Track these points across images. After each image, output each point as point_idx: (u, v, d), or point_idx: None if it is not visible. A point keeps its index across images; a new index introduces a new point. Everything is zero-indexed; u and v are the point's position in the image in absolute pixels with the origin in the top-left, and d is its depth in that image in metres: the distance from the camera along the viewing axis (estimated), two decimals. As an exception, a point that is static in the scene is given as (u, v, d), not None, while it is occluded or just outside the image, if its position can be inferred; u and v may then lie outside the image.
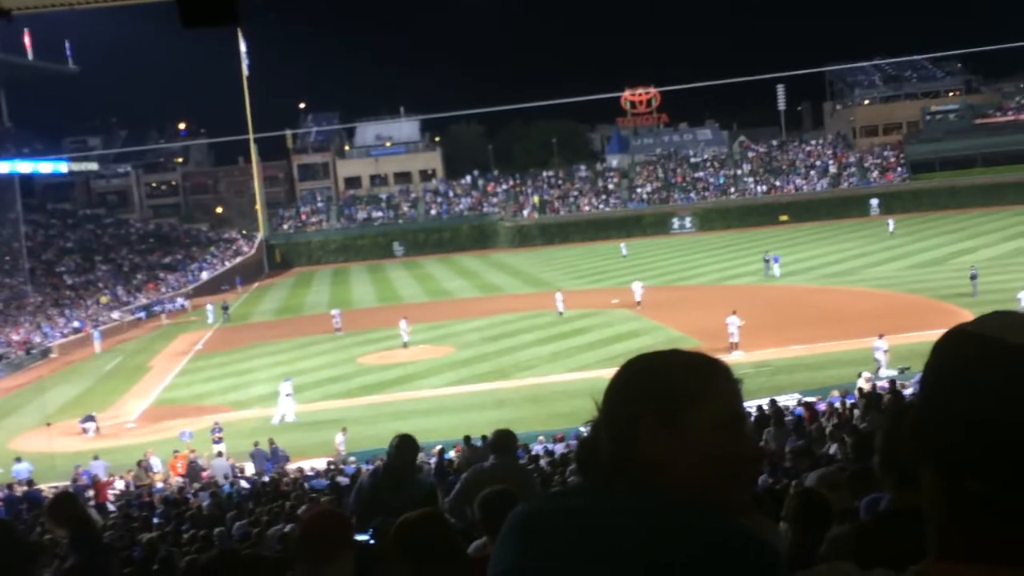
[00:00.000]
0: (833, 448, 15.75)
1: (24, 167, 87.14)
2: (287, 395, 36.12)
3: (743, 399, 1.86)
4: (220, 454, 29.94)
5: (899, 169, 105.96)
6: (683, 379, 1.80)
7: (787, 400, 28.33)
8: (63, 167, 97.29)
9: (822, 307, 48.67)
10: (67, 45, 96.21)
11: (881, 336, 33.95)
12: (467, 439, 25.36)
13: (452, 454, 25.67)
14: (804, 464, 13.84)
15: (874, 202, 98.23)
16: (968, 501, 1.46)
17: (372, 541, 5.68)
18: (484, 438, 24.44)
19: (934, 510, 1.52)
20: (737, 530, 1.68)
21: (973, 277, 46.73)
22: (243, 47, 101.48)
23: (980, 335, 1.54)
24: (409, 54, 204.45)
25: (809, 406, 25.10)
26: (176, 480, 28.02)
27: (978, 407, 1.45)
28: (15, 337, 59.60)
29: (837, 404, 25.18)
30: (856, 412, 21.40)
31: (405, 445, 8.25)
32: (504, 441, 8.56)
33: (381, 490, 7.93)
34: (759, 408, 25.44)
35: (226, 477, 26.48)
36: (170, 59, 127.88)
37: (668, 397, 1.76)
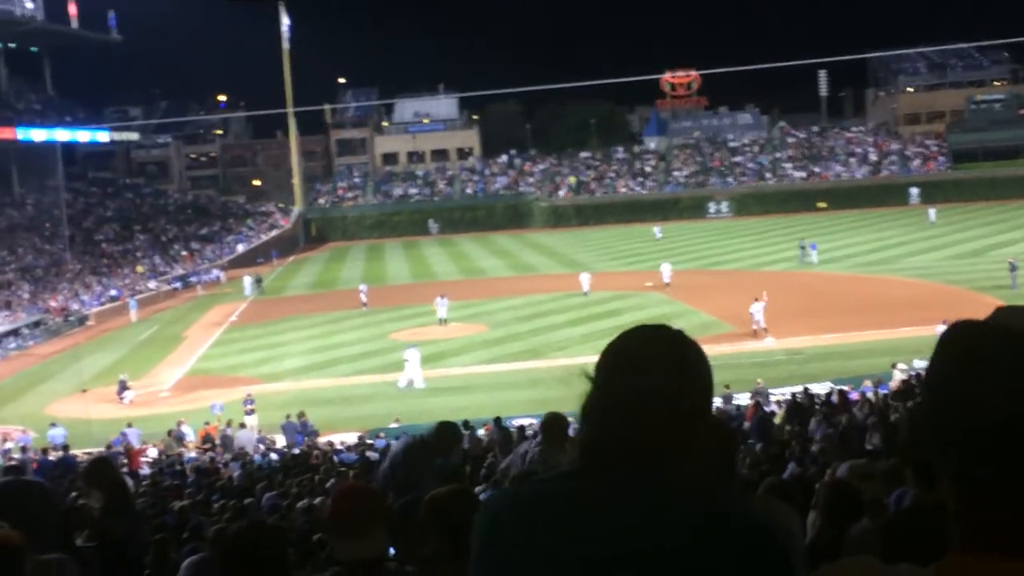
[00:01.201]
0: (875, 439, 15.62)
1: (66, 135, 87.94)
2: (408, 361, 36.06)
3: None
4: (243, 425, 30.19)
5: (941, 158, 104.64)
6: (703, 364, 1.89)
7: (819, 388, 28.18)
8: (104, 136, 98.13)
9: (858, 295, 48.27)
10: (112, 15, 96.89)
11: (945, 323, 33.59)
12: (498, 421, 25.10)
13: (482, 432, 25.73)
14: (835, 454, 13.77)
15: (914, 191, 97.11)
16: (982, 491, 1.46)
17: (404, 515, 5.69)
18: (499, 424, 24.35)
19: (952, 503, 1.51)
20: (757, 513, 1.70)
21: (1013, 269, 46.19)
22: (285, 21, 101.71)
23: (985, 325, 1.54)
24: (449, 32, 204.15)
25: (843, 394, 24.94)
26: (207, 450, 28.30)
27: (987, 395, 1.45)
28: (53, 304, 60.31)
29: (870, 394, 25.03)
30: (890, 403, 21.26)
31: (448, 432, 8.24)
32: (555, 428, 7.95)
33: (413, 465, 7.96)
34: (792, 395, 25.33)
35: (254, 449, 26.72)
36: (212, 31, 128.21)
37: (699, 382, 1.84)
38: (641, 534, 1.66)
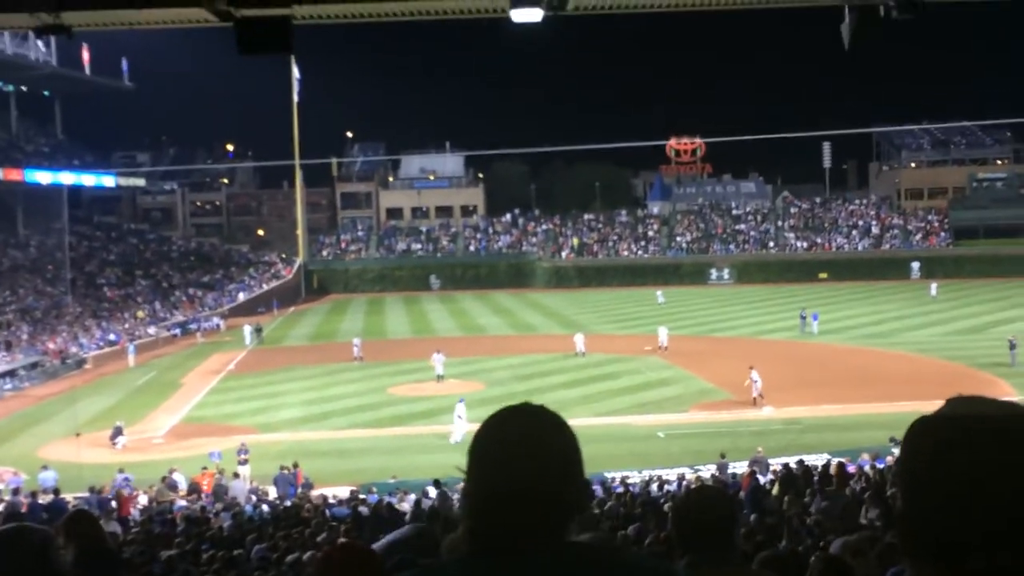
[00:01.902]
0: (871, 514, 15.50)
1: (73, 179, 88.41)
2: (459, 416, 35.85)
3: None
4: (237, 475, 29.97)
5: (943, 234, 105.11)
6: (571, 452, 1.90)
7: (816, 459, 28.01)
8: (111, 181, 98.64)
9: (857, 368, 48.21)
10: (124, 62, 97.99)
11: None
12: (437, 483, 23.94)
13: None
14: (831, 527, 13.68)
15: (915, 265, 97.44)
16: None
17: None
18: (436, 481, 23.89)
19: None
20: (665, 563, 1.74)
21: (1012, 347, 46.18)
22: (295, 74, 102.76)
23: (950, 417, 1.54)
24: (457, 90, 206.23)
25: (841, 467, 24.76)
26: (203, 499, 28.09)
27: (968, 486, 1.44)
28: (51, 346, 60.23)
29: (867, 467, 24.87)
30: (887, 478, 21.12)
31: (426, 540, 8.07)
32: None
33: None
34: (785, 466, 25.18)
35: (247, 499, 26.52)
36: (223, 81, 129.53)
37: (577, 452, 1.87)
38: None
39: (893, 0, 11.70)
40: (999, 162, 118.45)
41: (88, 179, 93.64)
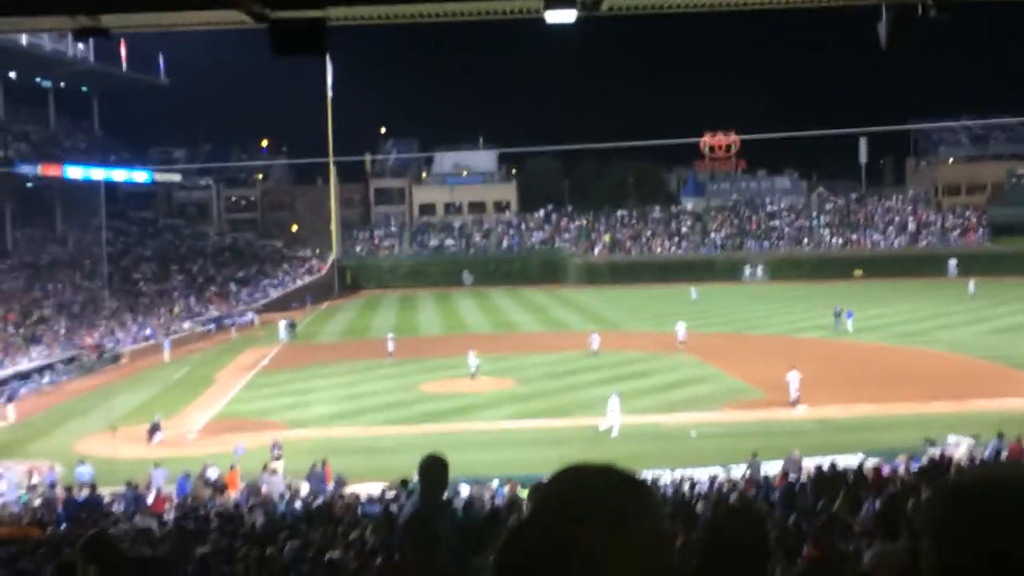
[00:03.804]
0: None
1: (111, 175, 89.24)
2: (612, 411, 36.09)
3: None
4: (274, 471, 30.17)
5: (980, 231, 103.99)
6: (628, 494, 1.89)
7: (850, 460, 27.81)
8: (143, 176, 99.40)
9: (892, 367, 47.78)
10: (161, 59, 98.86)
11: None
12: (405, 483, 23.91)
13: (506, 490, 25.55)
14: (869, 532, 13.56)
15: (952, 263, 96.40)
16: None
17: None
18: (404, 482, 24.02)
19: None
20: None
21: (1051, 347, 45.62)
22: (329, 71, 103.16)
23: (980, 482, 1.59)
24: (490, 86, 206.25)
25: (877, 471, 24.56)
26: (233, 495, 28.30)
27: (997, 553, 1.48)
28: (88, 340, 60.86)
29: (901, 469, 24.67)
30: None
31: (432, 466, 7.70)
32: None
33: (427, 518, 7.70)
34: (817, 468, 25.01)
35: (281, 496, 26.67)
36: (258, 78, 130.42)
37: (615, 510, 1.84)
38: None
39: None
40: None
41: (127, 175, 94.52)
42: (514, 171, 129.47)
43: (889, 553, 5.17)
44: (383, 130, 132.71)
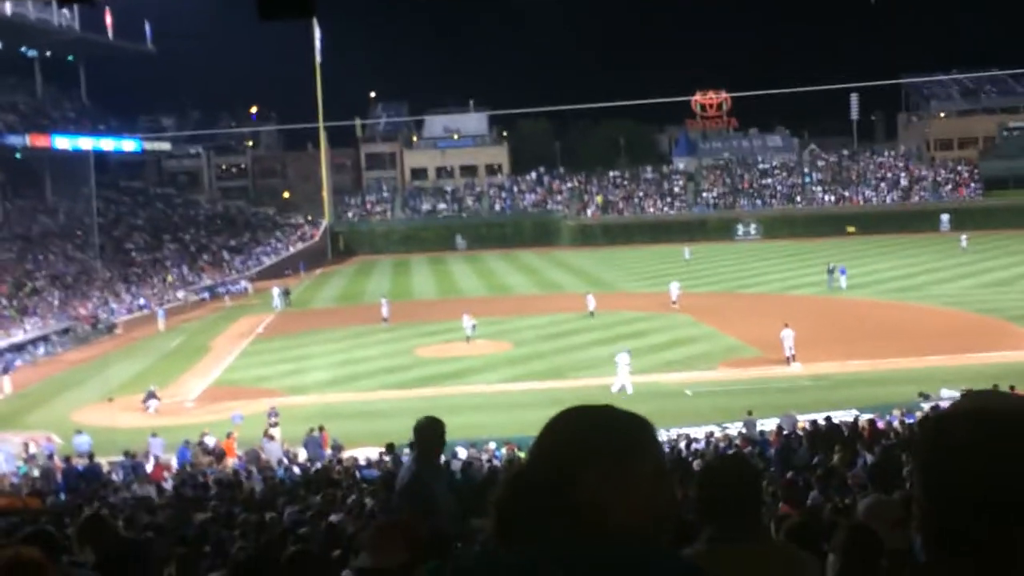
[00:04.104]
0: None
1: (100, 144, 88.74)
2: (626, 365, 36.15)
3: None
4: (272, 437, 30.26)
5: (972, 185, 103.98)
6: (628, 433, 1.93)
7: (845, 416, 27.95)
8: (132, 145, 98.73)
9: (886, 322, 47.92)
10: (147, 26, 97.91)
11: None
12: (391, 447, 24.15)
13: (503, 452, 25.68)
14: (862, 485, 13.66)
15: (945, 217, 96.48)
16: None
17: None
18: (390, 445, 24.14)
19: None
20: (690, 565, 1.80)
21: (1044, 299, 45.71)
22: (317, 35, 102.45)
23: (964, 415, 1.57)
24: (480, 49, 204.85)
25: (872, 423, 24.71)
26: (231, 462, 28.40)
27: (989, 485, 1.48)
28: (82, 311, 60.79)
29: (896, 423, 24.82)
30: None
31: (428, 428, 7.79)
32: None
33: (424, 480, 7.75)
34: (812, 423, 25.15)
35: (279, 462, 26.77)
36: (245, 44, 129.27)
37: (616, 449, 1.88)
38: None
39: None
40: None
41: (115, 144, 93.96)
42: (505, 134, 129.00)
43: (882, 503, 5.19)
44: (373, 94, 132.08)
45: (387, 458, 24.00)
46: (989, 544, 1.46)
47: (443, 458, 9.16)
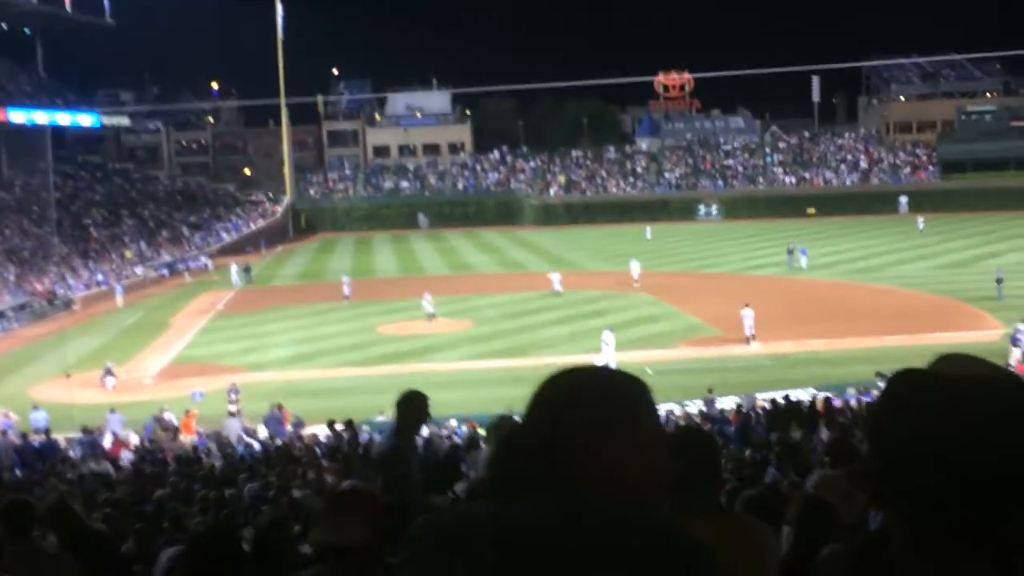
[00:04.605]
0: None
1: (57, 119, 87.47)
2: (606, 344, 36.17)
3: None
4: (232, 414, 30.12)
5: (931, 168, 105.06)
6: (626, 396, 1.86)
7: (803, 394, 28.25)
8: (88, 119, 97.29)
9: (844, 302, 48.41)
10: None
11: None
12: (350, 423, 25.12)
13: (464, 429, 25.70)
14: (819, 462, 13.83)
15: (903, 200, 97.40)
16: (932, 539, 1.48)
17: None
18: (349, 422, 24.91)
19: (902, 548, 1.53)
20: (687, 537, 1.76)
21: (999, 281, 46.32)
22: (279, 10, 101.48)
23: (933, 374, 1.56)
24: (443, 26, 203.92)
25: (827, 401, 25.01)
26: (189, 438, 28.25)
27: (943, 447, 1.46)
28: (39, 287, 60.07)
29: (853, 402, 25.13)
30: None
31: (412, 400, 7.81)
32: (505, 429, 7.65)
33: (402, 452, 7.74)
34: (772, 401, 25.41)
35: (239, 439, 26.68)
36: (206, 18, 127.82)
37: (613, 412, 1.82)
38: (600, 557, 1.69)
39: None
40: (988, 95, 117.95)
41: (72, 118, 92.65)
42: (468, 112, 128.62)
43: (830, 478, 5.27)
44: (335, 71, 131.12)
45: (329, 433, 24.24)
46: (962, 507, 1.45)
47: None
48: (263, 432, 29.00)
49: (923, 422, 1.48)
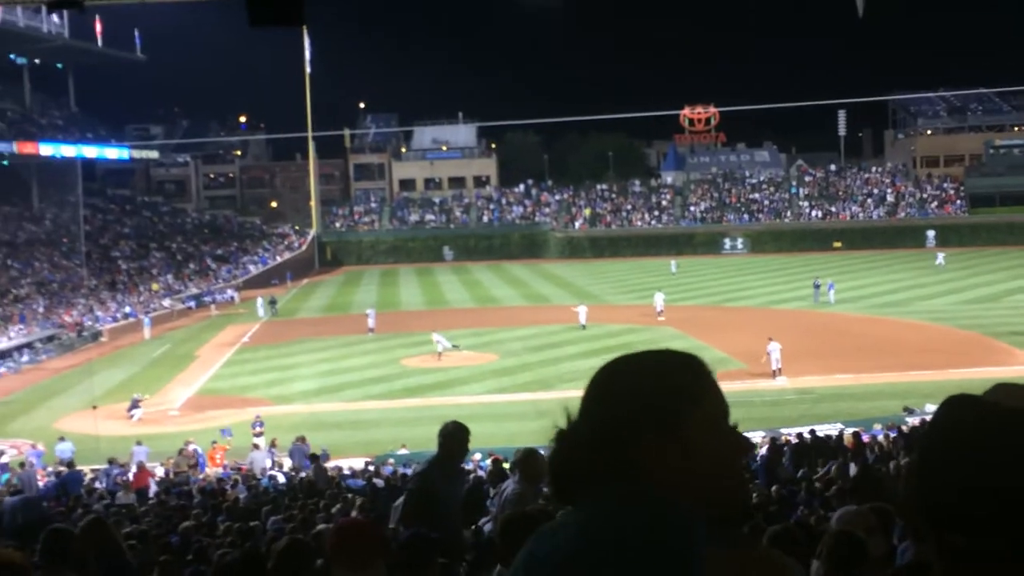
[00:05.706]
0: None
1: (88, 152, 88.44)
2: None
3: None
4: (257, 447, 30.16)
5: (958, 202, 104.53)
6: (682, 379, 1.77)
7: (829, 429, 28.01)
8: (114, 153, 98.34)
9: (871, 337, 48.06)
10: (136, 34, 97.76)
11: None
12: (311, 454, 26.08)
13: (488, 462, 25.57)
14: (846, 498, 13.68)
15: (931, 234, 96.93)
16: (958, 558, 1.48)
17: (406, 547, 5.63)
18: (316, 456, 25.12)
19: (937, 566, 1.54)
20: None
21: (1028, 316, 45.89)
22: (307, 45, 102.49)
23: (977, 401, 1.56)
24: (470, 60, 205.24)
25: (856, 436, 24.75)
26: (215, 471, 28.29)
27: (970, 471, 1.46)
28: (67, 319, 60.54)
29: (880, 437, 24.89)
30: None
31: (457, 432, 7.75)
32: (530, 463, 7.39)
33: (432, 482, 7.70)
34: (798, 436, 25.21)
35: (262, 472, 26.69)
36: (235, 53, 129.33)
37: (670, 398, 1.73)
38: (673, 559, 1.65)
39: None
40: (1016, 128, 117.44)
41: (103, 152, 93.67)
42: (493, 146, 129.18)
43: (854, 513, 5.23)
44: (362, 105, 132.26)
45: (371, 467, 24.00)
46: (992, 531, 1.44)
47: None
48: (287, 464, 29.01)
49: (980, 454, 1.48)
